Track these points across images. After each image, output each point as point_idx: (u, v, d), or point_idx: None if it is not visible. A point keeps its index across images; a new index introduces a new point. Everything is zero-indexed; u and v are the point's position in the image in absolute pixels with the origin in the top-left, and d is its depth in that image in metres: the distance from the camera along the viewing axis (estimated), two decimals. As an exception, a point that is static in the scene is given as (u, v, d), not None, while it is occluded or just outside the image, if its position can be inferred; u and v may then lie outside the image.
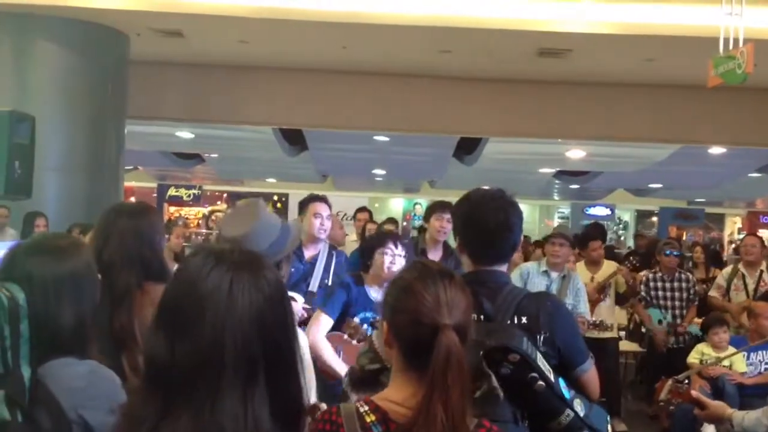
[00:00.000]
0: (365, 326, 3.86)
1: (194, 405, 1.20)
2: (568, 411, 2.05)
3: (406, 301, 1.63)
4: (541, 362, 2.04)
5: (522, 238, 2.63)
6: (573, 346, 2.25)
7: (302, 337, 2.32)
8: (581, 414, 2.07)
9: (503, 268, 2.33)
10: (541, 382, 2.00)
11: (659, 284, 7.20)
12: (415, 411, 1.55)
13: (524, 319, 2.15)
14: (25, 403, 1.79)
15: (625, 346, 7.84)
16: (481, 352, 1.98)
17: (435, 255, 5.03)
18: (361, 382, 2.74)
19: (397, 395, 1.62)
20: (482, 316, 2.11)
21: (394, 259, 3.90)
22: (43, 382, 1.83)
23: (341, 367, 3.72)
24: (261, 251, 2.23)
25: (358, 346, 3.74)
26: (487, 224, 2.26)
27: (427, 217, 5.15)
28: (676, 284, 7.16)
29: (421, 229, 6.27)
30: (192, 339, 1.21)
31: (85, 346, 1.97)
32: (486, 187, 2.42)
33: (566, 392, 2.07)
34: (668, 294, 7.16)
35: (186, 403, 1.20)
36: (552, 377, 2.04)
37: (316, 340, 3.80)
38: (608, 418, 2.22)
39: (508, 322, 2.13)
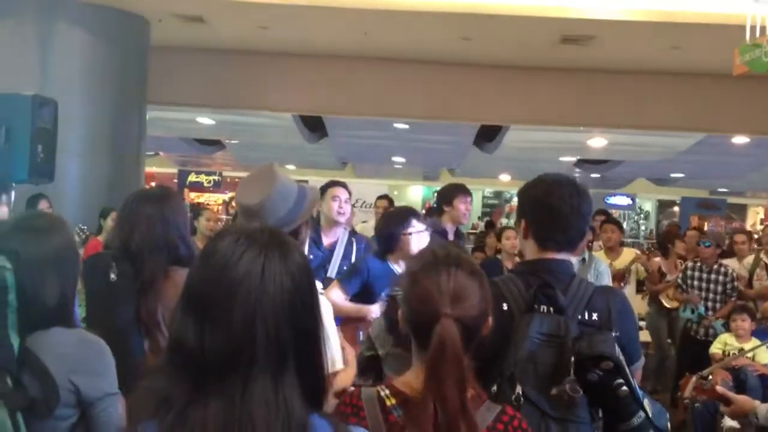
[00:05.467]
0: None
1: (225, 392, 1.18)
2: (641, 412, 2.01)
3: (412, 290, 1.65)
4: (626, 367, 1.99)
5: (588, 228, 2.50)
6: (634, 343, 2.21)
7: (326, 304, 2.27)
8: (650, 414, 2.03)
9: (569, 257, 2.23)
10: (625, 388, 1.95)
11: (696, 273, 6.99)
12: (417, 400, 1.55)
13: (595, 316, 2.08)
14: (15, 371, 1.85)
15: (645, 336, 7.77)
16: (572, 358, 1.94)
17: (450, 236, 5.00)
18: (362, 370, 2.78)
19: (415, 380, 1.63)
20: (552, 309, 2.03)
21: (420, 237, 3.84)
22: (33, 351, 1.90)
23: (361, 308, 3.76)
24: (279, 217, 2.22)
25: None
26: (561, 208, 2.16)
27: (449, 199, 5.02)
28: (713, 276, 6.91)
29: (434, 211, 6.12)
30: (223, 326, 1.19)
31: (69, 318, 2.05)
32: (557, 173, 2.31)
33: (640, 393, 2.03)
34: (704, 285, 6.94)
35: (216, 389, 1.18)
36: (633, 381, 2.00)
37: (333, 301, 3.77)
38: (668, 416, 2.18)
39: (579, 317, 2.06)
